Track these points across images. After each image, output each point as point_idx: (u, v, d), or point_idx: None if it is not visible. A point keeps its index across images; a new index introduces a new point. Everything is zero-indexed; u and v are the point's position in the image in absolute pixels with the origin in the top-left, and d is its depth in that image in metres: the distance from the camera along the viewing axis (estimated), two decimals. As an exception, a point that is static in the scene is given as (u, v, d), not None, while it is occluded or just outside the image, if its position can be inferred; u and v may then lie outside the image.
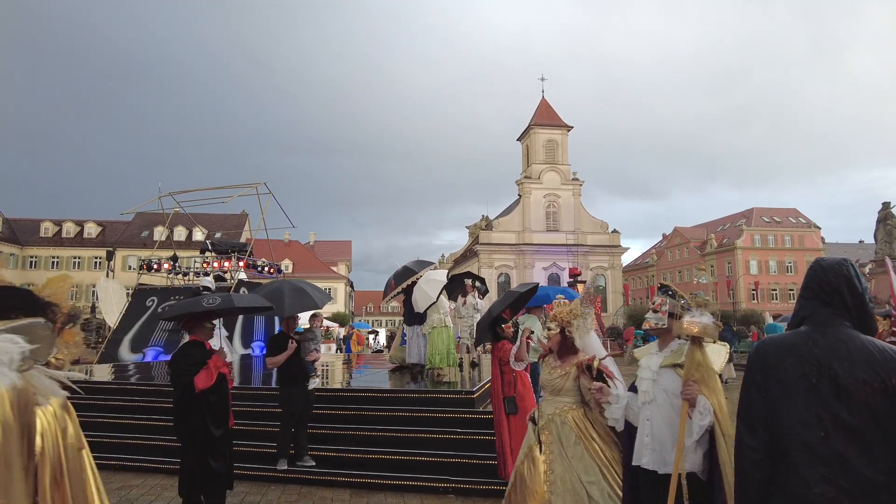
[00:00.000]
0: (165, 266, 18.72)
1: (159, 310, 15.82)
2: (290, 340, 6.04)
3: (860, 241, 66.75)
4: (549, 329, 3.94)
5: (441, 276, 9.06)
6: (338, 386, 9.12)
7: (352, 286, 68.47)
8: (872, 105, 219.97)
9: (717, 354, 2.89)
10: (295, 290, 6.26)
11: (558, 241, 54.32)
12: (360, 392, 7.87)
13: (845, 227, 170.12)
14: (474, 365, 10.83)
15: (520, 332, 5.55)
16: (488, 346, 6.18)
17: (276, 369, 6.14)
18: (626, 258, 65.59)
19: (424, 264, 9.54)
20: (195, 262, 19.25)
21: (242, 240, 44.29)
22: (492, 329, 5.65)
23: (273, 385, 7.36)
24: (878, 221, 19.44)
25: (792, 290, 58.77)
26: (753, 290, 56.86)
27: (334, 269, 59.35)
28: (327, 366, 13.06)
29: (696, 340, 2.79)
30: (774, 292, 58.64)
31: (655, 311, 3.05)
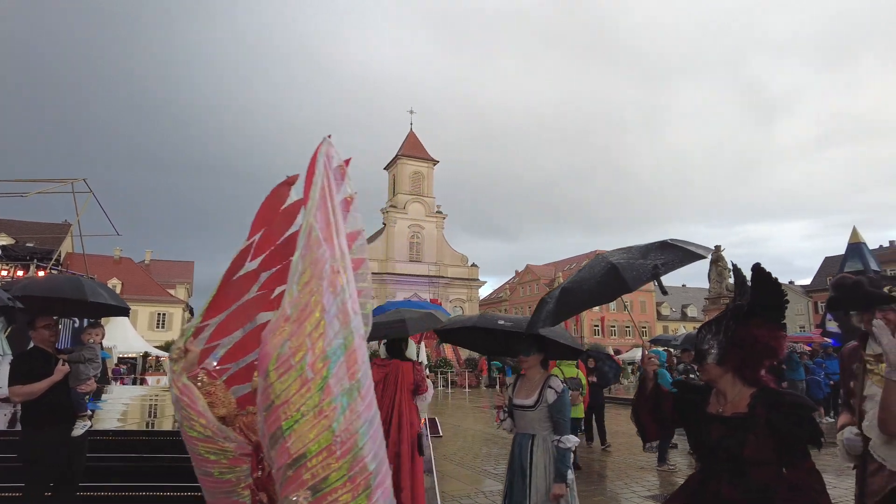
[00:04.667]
0: (-68, 273, 14.66)
1: None
2: (61, 361, 4.15)
3: (683, 285, 75.16)
4: None
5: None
6: (132, 427, 6.64)
7: (191, 312, 61.75)
8: (686, 170, 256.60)
9: None
10: (68, 282, 4.40)
11: (420, 272, 54.13)
12: (167, 436, 5.90)
13: (670, 273, 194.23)
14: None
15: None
16: None
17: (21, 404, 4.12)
18: (483, 292, 67.32)
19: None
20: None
21: (63, 253, 37.87)
22: (396, 345, 4.40)
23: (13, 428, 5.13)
24: (711, 262, 21.48)
25: (628, 326, 64.35)
26: (597, 325, 61.15)
27: (171, 291, 53.09)
28: (156, 400, 10.62)
29: None
30: (614, 328, 63.75)
31: None
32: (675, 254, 2.86)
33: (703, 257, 2.86)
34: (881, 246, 55.56)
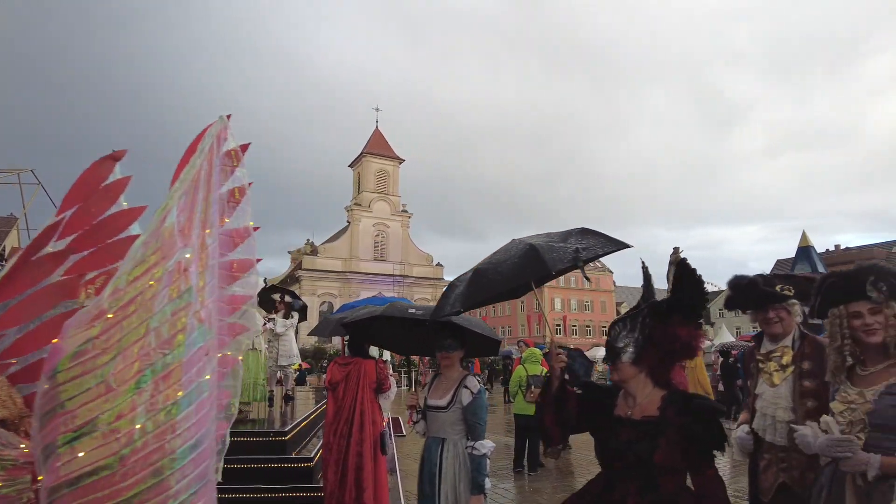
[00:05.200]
0: None
1: None
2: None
3: (642, 285, 77.08)
4: None
5: (255, 283, 7.34)
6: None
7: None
8: (647, 174, 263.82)
9: None
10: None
11: (385, 271, 53.87)
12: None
13: (629, 273, 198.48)
14: (288, 399, 9.12)
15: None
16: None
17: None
18: (448, 292, 67.48)
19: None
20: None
21: (8, 247, 36.17)
22: (357, 343, 4.35)
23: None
24: (671, 264, 22.14)
25: (589, 326, 65.65)
26: (559, 324, 62.13)
27: (128, 289, 51.33)
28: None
29: None
30: (575, 327, 64.91)
31: None
32: (597, 240, 2.74)
33: (626, 247, 2.81)
34: (828, 249, 58.22)
